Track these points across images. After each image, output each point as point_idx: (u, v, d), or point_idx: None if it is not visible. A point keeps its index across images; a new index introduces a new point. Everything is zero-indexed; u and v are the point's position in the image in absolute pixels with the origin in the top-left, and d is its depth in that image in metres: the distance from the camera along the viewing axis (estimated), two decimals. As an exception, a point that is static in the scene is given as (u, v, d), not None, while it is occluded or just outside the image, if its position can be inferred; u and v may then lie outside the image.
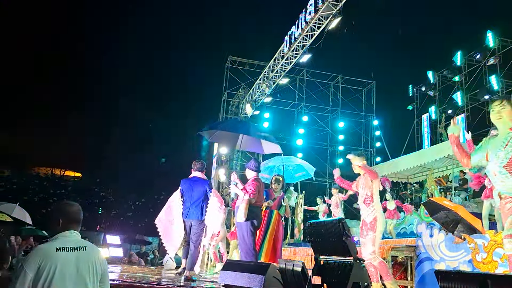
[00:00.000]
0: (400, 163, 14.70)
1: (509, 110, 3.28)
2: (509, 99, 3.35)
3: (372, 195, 4.96)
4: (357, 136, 21.74)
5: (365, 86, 22.10)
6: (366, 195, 4.98)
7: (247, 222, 5.65)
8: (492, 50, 16.27)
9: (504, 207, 3.22)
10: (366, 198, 4.97)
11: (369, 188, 4.99)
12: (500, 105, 3.30)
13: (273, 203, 6.53)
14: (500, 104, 3.30)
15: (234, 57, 20.72)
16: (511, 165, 3.15)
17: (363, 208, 5.05)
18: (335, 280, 3.31)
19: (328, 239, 3.32)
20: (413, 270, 5.70)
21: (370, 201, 4.95)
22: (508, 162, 3.17)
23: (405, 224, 12.85)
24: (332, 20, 11.71)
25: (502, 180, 3.20)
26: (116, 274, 6.78)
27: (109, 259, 10.41)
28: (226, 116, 21.14)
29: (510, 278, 1.81)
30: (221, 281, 5.05)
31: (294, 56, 14.37)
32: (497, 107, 3.31)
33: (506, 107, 3.28)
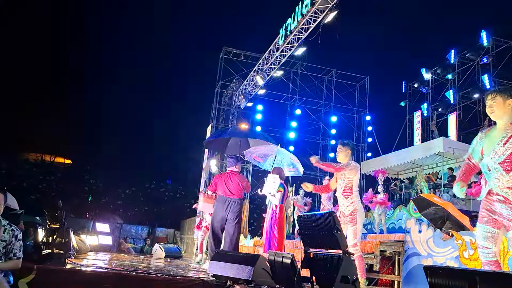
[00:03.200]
0: (390, 159, 14.80)
1: (501, 103, 3.19)
2: (500, 91, 3.27)
3: (352, 187, 4.99)
4: (349, 131, 21.80)
5: (358, 81, 22.13)
6: (346, 187, 5.01)
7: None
8: (486, 49, 16.36)
9: (492, 204, 3.15)
10: (345, 189, 5.00)
11: (349, 180, 5.01)
12: (491, 98, 3.24)
13: None
14: (491, 97, 3.24)
15: (228, 48, 20.60)
16: (508, 163, 3.06)
17: (341, 199, 5.07)
18: (324, 273, 3.33)
19: (318, 232, 3.34)
20: (401, 265, 5.76)
21: (349, 193, 4.98)
22: (505, 159, 3.08)
23: (394, 219, 12.97)
24: (328, 13, 11.67)
25: (497, 177, 3.11)
26: (105, 262, 6.78)
27: (98, 246, 10.39)
28: (219, 107, 21.07)
29: (498, 275, 1.83)
30: (210, 271, 5.07)
31: (289, 49, 14.33)
32: (489, 101, 3.25)
33: (497, 100, 3.21)
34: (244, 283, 4.43)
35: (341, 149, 5.23)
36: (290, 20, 13.52)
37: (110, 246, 11.34)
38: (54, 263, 4.82)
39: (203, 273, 5.57)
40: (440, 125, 17.59)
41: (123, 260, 7.62)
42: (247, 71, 19.02)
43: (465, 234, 5.02)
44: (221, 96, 21.28)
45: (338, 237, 3.08)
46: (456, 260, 4.88)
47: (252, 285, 4.30)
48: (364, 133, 21.50)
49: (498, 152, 3.12)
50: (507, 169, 3.05)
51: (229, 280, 4.68)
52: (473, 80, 17.09)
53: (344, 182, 5.02)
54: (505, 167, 3.06)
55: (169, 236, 21.31)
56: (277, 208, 6.41)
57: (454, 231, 5.41)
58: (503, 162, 3.08)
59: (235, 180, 6.65)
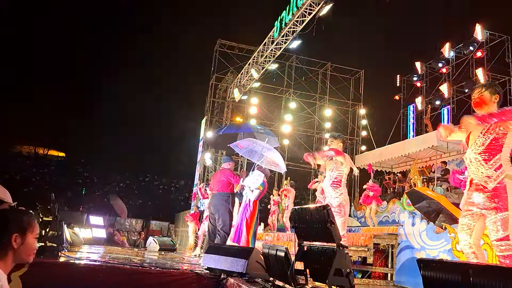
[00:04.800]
0: (384, 153, 14.86)
1: (488, 98, 3.30)
2: (488, 86, 3.37)
3: (341, 180, 5.04)
4: (344, 124, 21.83)
5: (353, 75, 22.13)
6: (335, 178, 5.05)
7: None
8: (480, 43, 16.39)
9: (471, 195, 3.24)
10: (334, 181, 5.05)
11: (339, 172, 5.05)
12: (479, 92, 3.34)
13: None
14: (479, 92, 3.34)
15: (223, 40, 20.51)
16: (487, 153, 3.17)
17: (329, 191, 5.11)
18: (318, 266, 3.34)
19: (312, 225, 3.34)
20: (394, 257, 5.79)
21: (339, 185, 5.03)
22: (484, 150, 3.19)
23: (387, 213, 13.05)
24: (324, 6, 11.63)
25: (477, 167, 3.22)
26: (99, 255, 6.76)
27: (92, 239, 10.37)
28: (214, 100, 21.00)
29: (491, 268, 1.84)
30: (204, 264, 5.08)
31: (284, 42, 14.28)
32: (477, 95, 3.35)
33: (485, 95, 3.31)
34: (238, 276, 4.43)
35: (333, 142, 5.29)
36: (285, 13, 13.46)
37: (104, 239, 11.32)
38: (47, 256, 4.79)
39: (197, 266, 5.57)
40: (434, 119, 17.66)
41: (117, 253, 7.60)
42: (242, 64, 18.96)
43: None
44: (215, 89, 21.22)
45: (332, 230, 3.08)
46: (449, 253, 4.92)
47: (246, 278, 4.30)
48: (359, 127, 21.53)
49: (478, 143, 3.23)
50: (485, 159, 3.16)
51: (223, 273, 4.68)
52: (467, 74, 17.15)
53: (334, 173, 5.07)
54: (484, 157, 3.17)
55: (164, 229, 21.31)
56: (251, 203, 6.48)
57: (447, 224, 5.44)
58: (482, 152, 3.19)
59: (220, 176, 6.82)
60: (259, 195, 6.64)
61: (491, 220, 3.06)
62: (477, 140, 3.24)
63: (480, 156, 3.20)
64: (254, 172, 6.59)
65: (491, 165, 3.13)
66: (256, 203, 6.68)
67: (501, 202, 3.05)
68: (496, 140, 3.16)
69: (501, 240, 3.00)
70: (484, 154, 3.18)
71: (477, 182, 3.22)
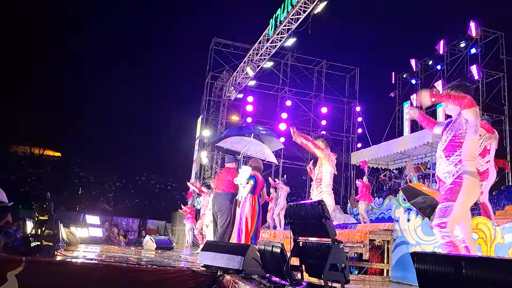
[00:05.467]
0: (380, 149, 14.92)
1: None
2: (453, 87, 3.49)
3: (322, 178, 5.11)
4: (339, 122, 21.88)
5: (348, 72, 22.17)
6: (317, 176, 5.15)
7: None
8: (474, 40, 16.45)
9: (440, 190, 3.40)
10: (317, 179, 5.16)
11: (320, 171, 5.14)
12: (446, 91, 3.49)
13: None
14: (446, 92, 3.48)
15: (218, 39, 20.49)
16: (448, 150, 3.32)
17: (314, 189, 5.22)
18: (313, 262, 3.36)
19: (307, 221, 3.36)
20: (390, 253, 5.82)
21: (319, 183, 5.11)
22: (446, 146, 3.35)
23: (384, 209, 13.10)
24: (318, 4, 11.65)
25: (440, 163, 3.38)
26: (95, 253, 6.76)
27: (89, 239, 10.35)
28: (209, 99, 20.99)
29: (483, 260, 1.86)
30: (200, 261, 5.09)
31: (279, 40, 14.29)
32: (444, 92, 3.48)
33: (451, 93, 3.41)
34: (235, 273, 4.45)
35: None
36: (280, 11, 13.47)
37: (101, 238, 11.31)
38: (43, 255, 4.79)
39: (194, 264, 5.58)
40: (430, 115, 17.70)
41: (114, 252, 7.60)
42: (237, 62, 18.96)
43: (453, 222, 5.07)
44: (211, 88, 21.21)
45: (327, 225, 3.10)
46: (444, 247, 4.94)
47: (242, 274, 4.32)
48: (354, 124, 21.59)
49: (442, 140, 3.44)
50: (447, 156, 3.33)
51: (220, 270, 4.70)
52: (462, 71, 17.21)
53: (316, 171, 5.18)
54: (445, 153, 3.34)
55: (161, 228, 21.31)
56: (247, 200, 6.46)
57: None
58: (444, 149, 3.37)
59: (225, 175, 6.81)
60: (254, 190, 6.53)
61: (438, 206, 3.27)
62: (442, 137, 3.43)
63: (442, 153, 3.36)
64: (241, 168, 6.59)
65: (452, 161, 3.27)
66: (255, 198, 6.59)
67: (451, 194, 3.18)
68: (455, 137, 3.30)
69: (437, 226, 3.13)
70: (445, 151, 3.33)
71: (440, 177, 3.38)
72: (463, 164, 3.21)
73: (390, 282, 5.48)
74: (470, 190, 3.19)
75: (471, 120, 3.23)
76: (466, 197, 3.18)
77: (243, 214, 6.54)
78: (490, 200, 6.07)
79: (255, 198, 6.59)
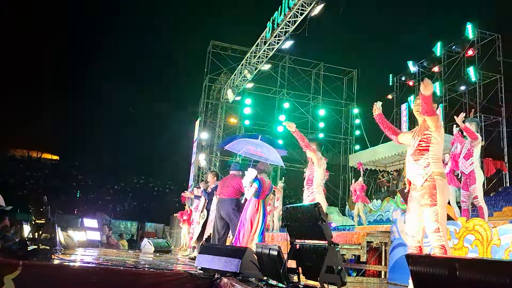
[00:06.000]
0: (378, 152, 14.94)
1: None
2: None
3: (313, 179, 5.13)
4: (337, 124, 21.93)
5: (346, 75, 22.22)
6: (308, 177, 5.18)
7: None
8: (471, 41, 16.51)
9: (410, 193, 3.55)
10: (308, 180, 5.18)
11: (311, 171, 5.16)
12: (419, 98, 3.56)
13: None
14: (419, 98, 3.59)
15: (216, 41, 20.52)
16: (416, 154, 3.50)
17: (305, 190, 5.24)
18: (310, 264, 3.36)
19: (303, 223, 3.36)
20: (387, 255, 5.82)
21: (310, 184, 5.14)
22: (414, 151, 3.53)
23: (382, 211, 13.11)
24: (315, 6, 11.69)
25: (409, 167, 3.55)
26: (93, 257, 6.74)
27: (86, 242, 10.33)
28: (207, 101, 21.00)
29: (477, 262, 1.87)
30: (198, 264, 5.08)
31: (277, 42, 14.33)
32: (418, 100, 3.61)
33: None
34: (232, 276, 4.44)
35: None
36: (277, 13, 13.51)
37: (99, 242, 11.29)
38: (40, 258, 4.77)
39: (192, 267, 5.57)
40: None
41: (111, 255, 7.59)
42: (235, 65, 19.00)
43: (450, 224, 5.07)
44: (209, 90, 21.23)
45: (323, 227, 3.11)
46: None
47: (239, 277, 4.31)
48: (352, 126, 21.63)
49: (411, 144, 3.60)
50: (416, 159, 3.51)
51: (217, 273, 4.69)
52: (459, 73, 17.26)
53: (308, 172, 5.22)
54: (414, 158, 3.52)
55: (159, 231, 21.27)
56: (250, 202, 6.42)
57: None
58: (413, 153, 3.55)
59: (231, 181, 6.86)
60: (258, 193, 6.45)
61: (425, 214, 3.38)
62: (410, 143, 3.61)
63: (412, 157, 3.54)
64: (248, 170, 6.56)
65: (420, 164, 3.45)
66: (259, 202, 6.53)
67: (431, 197, 3.37)
68: (422, 141, 3.50)
69: (433, 232, 3.30)
70: (415, 155, 3.51)
71: (410, 180, 3.55)
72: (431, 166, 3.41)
73: (388, 284, 5.49)
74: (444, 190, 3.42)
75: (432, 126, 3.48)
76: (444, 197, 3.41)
77: (245, 216, 6.49)
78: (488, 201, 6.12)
79: (259, 202, 6.50)
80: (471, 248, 4.69)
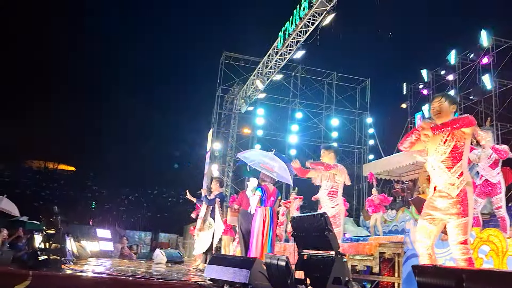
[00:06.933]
0: (392, 161, 14.76)
1: (446, 107, 3.49)
2: (447, 96, 3.58)
3: (337, 190, 5.05)
4: (351, 134, 21.74)
5: (359, 84, 22.10)
6: (331, 188, 5.07)
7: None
8: (486, 49, 16.29)
9: (435, 200, 3.40)
10: (331, 191, 5.07)
11: (334, 182, 5.06)
12: (438, 101, 3.51)
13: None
14: (438, 100, 3.52)
15: (229, 52, 20.66)
16: (448, 160, 3.35)
17: (325, 200, 5.14)
18: (318, 275, 3.30)
19: (311, 233, 3.32)
20: (400, 266, 5.71)
21: (335, 196, 5.04)
22: (446, 158, 3.37)
23: (397, 222, 12.89)
24: (326, 16, 11.69)
25: (440, 175, 3.39)
26: (104, 267, 6.76)
27: (99, 252, 10.38)
28: (220, 112, 21.08)
29: (484, 273, 1.81)
30: (207, 275, 5.05)
31: (288, 52, 14.35)
32: (436, 103, 3.52)
33: (444, 104, 3.49)
34: (241, 286, 4.40)
35: (325, 153, 5.35)
36: (288, 24, 13.55)
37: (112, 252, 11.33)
38: (50, 269, 4.80)
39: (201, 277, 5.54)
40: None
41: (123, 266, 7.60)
42: (247, 75, 19.07)
43: (464, 235, 4.96)
44: (222, 101, 21.31)
45: (330, 238, 3.05)
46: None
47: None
48: (366, 136, 21.43)
49: (440, 151, 3.41)
50: (448, 167, 3.35)
51: (226, 284, 4.65)
52: (474, 81, 17.02)
53: (330, 183, 5.10)
54: (446, 165, 3.36)
55: (172, 241, 21.29)
56: (257, 212, 6.39)
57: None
58: (445, 160, 3.38)
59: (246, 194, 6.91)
60: (263, 201, 6.44)
61: (453, 225, 3.24)
62: (438, 149, 3.42)
63: (442, 164, 3.38)
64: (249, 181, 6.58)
65: (454, 173, 3.32)
66: (266, 210, 6.49)
67: (463, 208, 3.23)
68: (456, 148, 3.35)
69: (461, 244, 3.17)
70: (446, 162, 3.36)
71: (440, 188, 3.38)
72: (464, 175, 3.29)
73: (401, 296, 5.37)
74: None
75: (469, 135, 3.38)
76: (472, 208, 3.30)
77: (254, 228, 6.46)
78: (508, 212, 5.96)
79: (266, 210, 6.45)
80: (486, 260, 4.57)
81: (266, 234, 6.40)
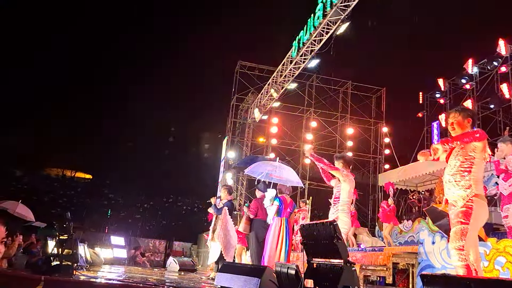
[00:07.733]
0: (408, 171, 14.54)
1: (461, 121, 3.51)
2: (461, 110, 3.58)
3: (340, 196, 5.05)
4: (366, 143, 21.57)
5: (374, 93, 21.96)
6: (335, 195, 5.11)
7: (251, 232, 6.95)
8: (504, 58, 16.05)
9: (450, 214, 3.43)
10: (335, 198, 5.12)
11: (338, 189, 5.09)
12: (453, 117, 3.55)
13: None
14: (453, 116, 3.55)
15: (243, 62, 20.78)
16: (458, 174, 3.37)
17: (331, 207, 5.19)
18: (327, 284, 3.26)
19: (320, 241, 3.28)
20: (415, 277, 5.61)
21: (337, 202, 5.05)
22: (455, 171, 3.39)
23: (413, 232, 12.67)
24: (341, 25, 11.69)
25: (449, 188, 3.42)
26: (116, 274, 6.80)
27: (113, 259, 10.44)
28: (235, 121, 21.16)
29: (493, 282, 1.76)
30: (217, 283, 5.03)
31: (303, 61, 14.35)
32: (451, 119, 3.56)
33: (458, 118, 3.52)
34: (251, 295, 4.36)
35: (336, 163, 5.38)
36: (302, 33, 13.58)
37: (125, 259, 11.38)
38: (62, 274, 4.85)
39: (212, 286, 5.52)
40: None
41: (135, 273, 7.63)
42: (262, 84, 19.13)
43: (480, 245, 4.85)
44: (236, 110, 21.41)
45: (339, 246, 3.02)
46: (470, 272, 4.72)
47: (258, 296, 4.23)
48: (381, 145, 21.24)
49: (451, 165, 3.46)
50: (457, 180, 3.38)
51: (236, 292, 4.62)
52: (492, 90, 16.75)
53: (335, 189, 5.16)
54: (455, 179, 3.39)
55: (186, 249, 21.31)
56: (273, 223, 6.38)
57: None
58: (454, 173, 3.41)
59: (259, 203, 6.92)
60: (280, 211, 6.48)
61: (453, 230, 3.29)
62: (450, 162, 3.45)
63: (452, 178, 3.41)
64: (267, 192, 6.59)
65: (462, 186, 3.33)
66: (282, 220, 6.49)
67: (465, 216, 3.25)
68: (465, 162, 3.37)
69: (457, 249, 3.15)
70: (456, 176, 3.38)
71: (450, 202, 3.42)
72: (473, 188, 3.29)
73: (415, 307, 5.26)
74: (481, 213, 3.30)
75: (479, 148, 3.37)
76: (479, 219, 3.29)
77: (268, 237, 6.47)
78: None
79: (281, 220, 6.47)
80: (502, 271, 4.46)
81: (281, 244, 6.41)
